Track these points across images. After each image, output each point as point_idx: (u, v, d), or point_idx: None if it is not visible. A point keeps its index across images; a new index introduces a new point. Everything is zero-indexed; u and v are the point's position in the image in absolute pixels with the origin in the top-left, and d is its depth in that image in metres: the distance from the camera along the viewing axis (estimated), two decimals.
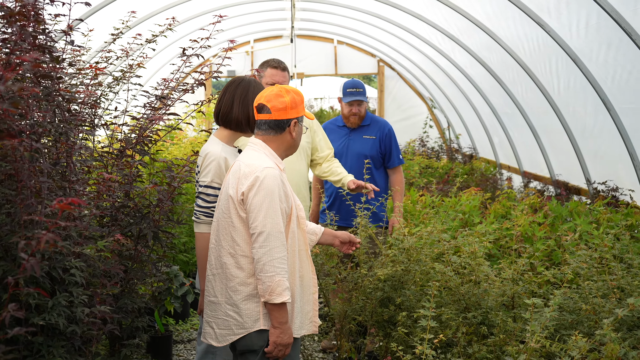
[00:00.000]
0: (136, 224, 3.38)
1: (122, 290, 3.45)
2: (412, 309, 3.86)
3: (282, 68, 4.69)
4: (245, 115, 3.62)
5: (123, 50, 4.52)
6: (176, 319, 6.17)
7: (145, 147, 3.86)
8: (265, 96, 3.27)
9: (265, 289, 3.06)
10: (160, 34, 4.69)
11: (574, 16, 6.19)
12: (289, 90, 3.29)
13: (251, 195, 3.10)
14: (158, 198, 3.48)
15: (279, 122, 3.25)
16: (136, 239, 3.47)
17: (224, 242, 3.20)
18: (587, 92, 6.70)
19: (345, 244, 3.82)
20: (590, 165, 7.52)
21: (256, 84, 3.68)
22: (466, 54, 9.26)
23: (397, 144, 5.71)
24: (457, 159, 12.36)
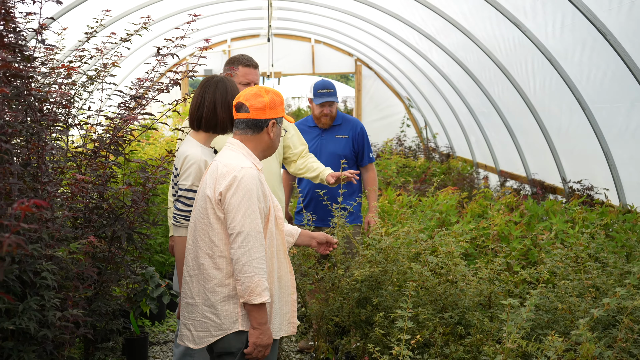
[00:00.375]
0: (110, 225, 3.33)
1: (96, 293, 3.40)
2: (389, 309, 3.84)
3: (254, 65, 4.58)
4: (229, 117, 3.57)
5: (97, 49, 4.46)
6: (152, 320, 6.11)
7: (120, 147, 3.81)
8: (245, 95, 3.25)
9: (244, 290, 3.03)
10: (135, 32, 4.63)
11: (550, 16, 6.22)
12: (269, 90, 3.27)
13: (229, 195, 3.07)
14: (132, 199, 3.43)
15: (257, 122, 3.23)
16: (110, 241, 3.42)
17: (201, 243, 3.17)
18: (563, 91, 6.74)
19: (322, 244, 3.80)
20: (566, 164, 7.57)
21: (231, 82, 3.63)
22: (443, 54, 9.28)
23: (369, 142, 5.69)
24: (434, 158, 12.40)
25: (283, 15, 12.17)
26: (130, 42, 4.72)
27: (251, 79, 4.53)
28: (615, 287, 3.65)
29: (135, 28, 4.66)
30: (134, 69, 10.78)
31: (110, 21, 7.34)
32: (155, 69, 4.10)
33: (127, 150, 3.95)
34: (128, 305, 5.10)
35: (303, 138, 4.90)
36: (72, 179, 3.29)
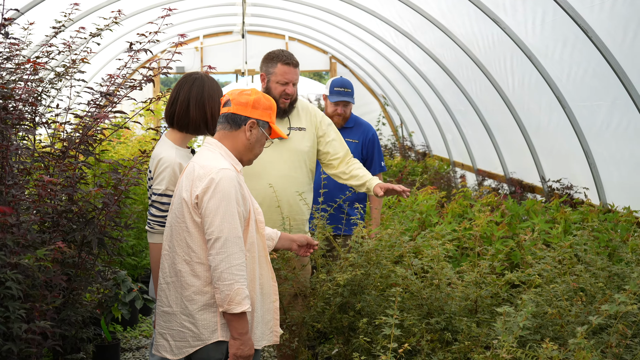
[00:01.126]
0: (80, 229, 3.16)
1: (65, 301, 3.23)
2: (372, 315, 3.71)
3: (294, 64, 4.24)
4: (203, 117, 3.41)
5: (65, 44, 4.27)
6: (124, 325, 5.93)
7: (90, 147, 3.63)
8: (233, 92, 3.16)
9: (223, 298, 2.88)
10: (106, 27, 4.46)
11: (530, 13, 6.15)
12: (259, 93, 3.16)
13: (206, 198, 2.92)
14: (103, 202, 3.25)
15: (236, 117, 3.10)
16: (80, 246, 3.24)
17: (178, 249, 3.01)
18: (542, 89, 6.68)
19: (302, 247, 3.67)
20: (545, 163, 7.52)
21: (210, 81, 3.48)
22: (420, 51, 9.20)
23: (380, 150, 5.46)
24: (410, 157, 12.32)
25: (257, 11, 12.00)
26: (100, 38, 4.55)
27: (290, 79, 4.20)
28: (605, 290, 3.57)
29: (105, 23, 4.48)
30: (105, 65, 10.55)
31: (79, 15, 7.12)
32: (128, 65, 3.93)
33: (98, 150, 3.77)
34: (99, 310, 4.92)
35: (345, 143, 4.51)
36: (39, 180, 3.11)
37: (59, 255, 2.80)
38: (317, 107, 20.61)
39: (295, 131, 4.34)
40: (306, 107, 4.48)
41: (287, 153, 4.30)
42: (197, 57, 13.45)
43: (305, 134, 4.38)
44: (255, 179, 4.19)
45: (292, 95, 4.25)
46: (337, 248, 4.10)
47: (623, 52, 5.19)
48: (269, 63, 4.28)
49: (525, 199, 7.57)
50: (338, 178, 4.41)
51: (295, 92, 4.30)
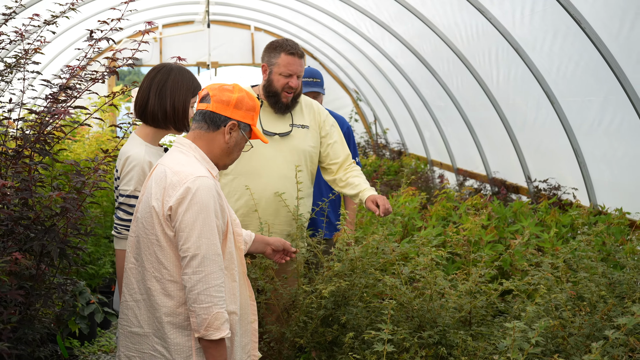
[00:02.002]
0: (39, 238, 3.00)
1: (22, 318, 3.07)
2: (359, 328, 3.62)
3: (299, 54, 4.10)
4: (162, 109, 3.28)
5: (17, 32, 4.10)
6: (81, 340, 5.74)
7: (47, 146, 3.47)
8: (212, 87, 2.96)
9: (199, 323, 2.72)
10: (62, 14, 4.29)
11: (518, 2, 6.11)
12: (244, 91, 2.97)
13: (181, 210, 2.74)
14: (63, 207, 3.10)
15: (215, 116, 2.91)
16: (38, 257, 3.09)
17: (147, 264, 2.83)
18: (530, 83, 6.66)
19: (278, 252, 3.54)
20: (531, 162, 7.50)
21: (179, 72, 3.35)
22: (397, 43, 9.13)
23: (355, 145, 5.39)
24: (385, 156, 12.27)
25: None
26: (56, 26, 4.38)
27: (294, 71, 4.08)
28: (607, 298, 3.52)
29: (61, 9, 4.32)
30: (59, 54, 10.28)
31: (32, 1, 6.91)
32: (88, 55, 3.78)
33: (56, 149, 3.61)
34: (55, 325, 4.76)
35: (348, 147, 4.42)
36: None
37: (15, 267, 2.64)
38: None
39: (297, 129, 4.24)
40: (310, 104, 4.38)
41: (289, 152, 4.18)
42: (156, 49, 13.24)
43: (308, 132, 4.28)
44: (253, 177, 4.07)
45: (296, 88, 4.14)
46: (320, 256, 3.99)
47: (618, 44, 5.17)
48: (271, 53, 4.15)
49: (509, 200, 7.55)
50: (335, 185, 4.32)
51: (300, 86, 4.18)
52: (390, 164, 10.77)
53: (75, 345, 5.58)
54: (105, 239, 6.37)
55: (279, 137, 4.19)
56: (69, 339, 5.45)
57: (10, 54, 4.14)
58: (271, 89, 4.14)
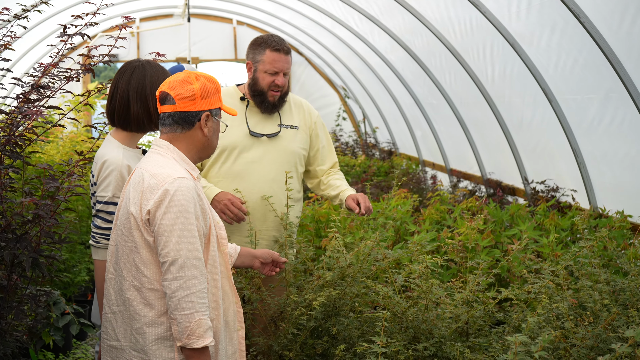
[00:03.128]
0: (9, 247, 2.94)
1: None
2: (350, 339, 3.59)
3: (285, 50, 4.09)
4: (146, 111, 3.24)
5: None
6: (56, 352, 5.68)
7: (18, 148, 3.41)
8: (169, 83, 2.89)
9: (181, 331, 2.69)
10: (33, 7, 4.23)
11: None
12: (200, 76, 2.92)
13: (159, 214, 2.72)
14: (35, 213, 3.04)
15: (186, 115, 2.88)
16: (9, 267, 3.03)
17: (125, 272, 2.80)
18: (526, 80, 6.64)
19: (267, 264, 3.51)
20: (528, 162, 7.49)
21: (154, 68, 3.29)
22: (387, 38, 9.11)
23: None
24: (374, 155, 12.24)
25: None
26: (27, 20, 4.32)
27: (280, 68, 4.06)
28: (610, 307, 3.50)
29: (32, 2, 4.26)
30: (30, 50, 10.19)
31: None
32: (62, 51, 3.72)
33: (27, 152, 3.55)
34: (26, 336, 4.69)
35: (334, 151, 4.44)
36: None
37: None
38: None
39: (286, 129, 4.21)
40: (299, 104, 4.35)
41: (277, 153, 4.16)
42: (133, 44, 13.16)
43: (297, 133, 4.25)
44: (238, 180, 4.03)
45: (283, 87, 4.11)
46: (310, 265, 3.95)
47: (619, 39, 5.16)
48: (256, 50, 4.13)
49: (506, 203, 7.54)
50: (317, 189, 4.33)
51: (287, 84, 4.15)
52: (381, 164, 10.74)
53: (50, 359, 5.52)
54: (80, 245, 6.30)
55: (267, 138, 4.16)
56: (42, 351, 5.39)
57: None
58: (257, 88, 4.11)
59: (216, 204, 3.93)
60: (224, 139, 4.06)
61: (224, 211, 3.91)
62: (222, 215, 3.90)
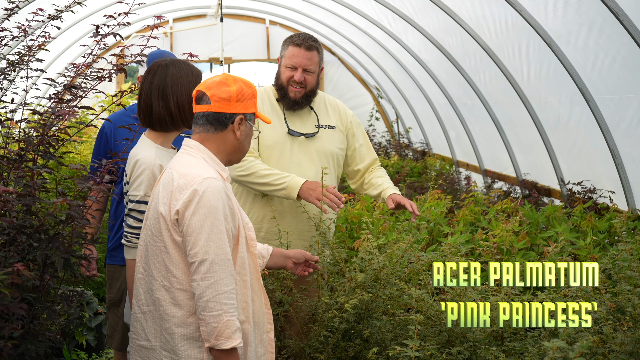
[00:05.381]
0: (42, 248, 2.95)
1: (25, 332, 3.02)
2: (383, 342, 3.55)
3: (306, 46, 4.06)
4: (168, 112, 3.23)
5: (20, 28, 4.07)
6: (89, 352, 5.71)
7: (51, 148, 3.43)
8: (207, 84, 2.91)
9: (210, 332, 2.69)
10: (67, 8, 4.26)
11: None
12: (238, 79, 2.93)
13: (188, 214, 2.72)
14: (68, 214, 3.05)
15: (220, 116, 2.88)
16: (42, 267, 3.04)
17: (155, 273, 2.80)
18: (563, 80, 6.56)
19: (299, 265, 3.49)
20: (564, 163, 7.40)
21: (176, 68, 3.28)
22: (420, 37, 9.06)
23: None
24: (407, 156, 12.18)
25: None
26: (60, 20, 4.35)
27: (298, 63, 4.05)
28: None
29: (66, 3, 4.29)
30: (64, 51, 10.30)
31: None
32: (94, 52, 3.73)
33: (60, 152, 3.57)
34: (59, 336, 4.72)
35: (373, 149, 4.44)
36: None
37: (17, 279, 2.60)
38: None
39: (324, 129, 4.21)
40: (334, 104, 4.36)
41: (316, 154, 4.16)
42: (167, 44, 13.24)
43: (334, 133, 4.25)
44: None
45: (302, 83, 4.10)
46: (342, 265, 3.93)
47: None
48: (283, 45, 4.19)
49: (541, 204, 7.45)
50: (361, 189, 4.35)
51: (311, 82, 4.13)
52: (414, 165, 10.69)
53: (83, 358, 5.55)
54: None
55: (305, 138, 4.16)
56: (76, 351, 5.42)
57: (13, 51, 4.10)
58: (278, 82, 4.17)
59: (310, 192, 3.90)
60: (267, 139, 4.08)
61: (320, 199, 3.87)
62: (317, 202, 3.86)
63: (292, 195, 3.93)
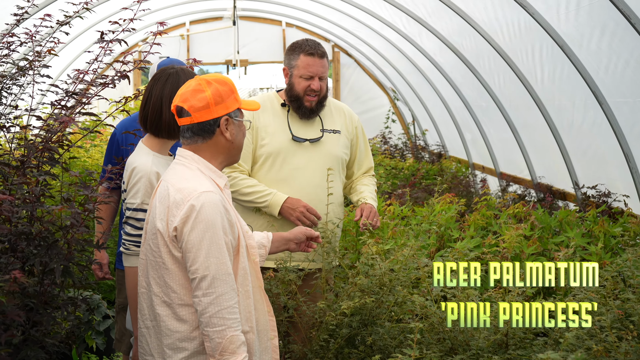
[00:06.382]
0: (40, 255, 2.96)
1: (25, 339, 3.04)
2: (386, 349, 3.53)
3: (319, 54, 4.06)
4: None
5: (28, 34, 4.09)
6: (99, 355, 5.74)
7: (56, 154, 3.44)
8: (181, 95, 2.83)
9: (214, 347, 2.66)
10: (75, 14, 4.28)
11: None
12: (211, 81, 2.83)
13: (186, 230, 2.69)
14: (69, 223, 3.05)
15: (203, 125, 2.81)
16: (41, 274, 3.06)
17: (155, 288, 2.78)
18: (576, 83, 6.51)
19: (301, 243, 3.45)
20: (578, 166, 7.34)
21: (187, 76, 3.28)
22: (435, 39, 9.02)
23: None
24: (424, 158, 12.13)
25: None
26: (69, 26, 4.37)
27: (315, 72, 4.04)
28: None
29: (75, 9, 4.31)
30: (74, 60, 10.34)
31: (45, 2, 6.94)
32: (99, 58, 3.75)
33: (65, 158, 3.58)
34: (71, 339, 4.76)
35: (371, 156, 4.46)
36: None
37: (15, 287, 2.61)
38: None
39: (329, 134, 4.21)
40: (340, 108, 4.35)
41: (321, 158, 4.15)
42: (183, 46, 13.27)
43: (339, 137, 4.24)
44: (282, 186, 4.03)
45: (319, 91, 4.09)
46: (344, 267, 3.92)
47: None
48: (290, 55, 4.14)
49: (555, 208, 7.39)
50: (348, 192, 4.40)
51: (324, 88, 4.14)
52: (429, 167, 10.64)
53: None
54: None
55: (310, 143, 4.15)
56: (86, 353, 5.45)
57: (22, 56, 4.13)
58: (293, 93, 4.10)
59: (291, 212, 3.98)
60: (268, 145, 4.07)
61: (300, 219, 3.96)
62: (297, 222, 3.93)
63: (274, 213, 3.99)
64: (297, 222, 3.93)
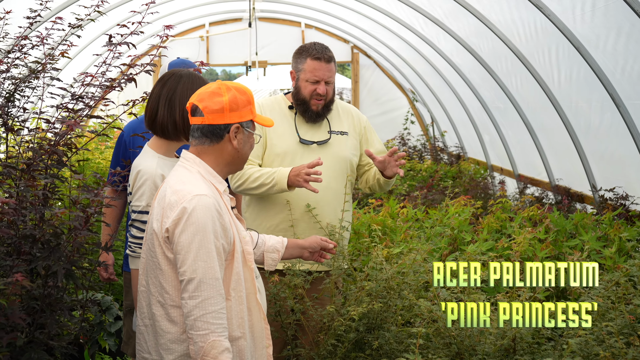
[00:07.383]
0: (43, 258, 2.97)
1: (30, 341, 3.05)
2: (393, 354, 3.52)
3: (326, 59, 4.05)
4: (171, 120, 3.23)
5: (39, 37, 4.12)
6: (112, 356, 5.77)
7: (64, 157, 3.45)
8: (199, 94, 2.86)
9: (197, 351, 2.66)
10: (87, 17, 4.30)
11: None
12: (231, 87, 2.86)
13: (177, 232, 2.70)
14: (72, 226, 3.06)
15: (214, 128, 2.83)
16: (45, 277, 3.07)
17: (152, 288, 2.80)
18: (593, 85, 6.44)
19: (315, 253, 3.44)
20: (596, 169, 7.26)
21: (189, 79, 3.29)
22: (452, 41, 8.98)
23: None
24: (442, 160, 12.07)
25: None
26: (81, 29, 4.39)
27: (321, 76, 4.04)
28: None
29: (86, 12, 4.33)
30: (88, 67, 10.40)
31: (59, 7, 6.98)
32: (108, 61, 3.76)
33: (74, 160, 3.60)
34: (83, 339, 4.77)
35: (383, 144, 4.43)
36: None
37: (18, 290, 2.62)
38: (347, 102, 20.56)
39: (336, 135, 4.19)
40: (347, 109, 4.33)
41: (330, 160, 4.12)
42: (203, 48, 13.31)
43: (347, 139, 4.23)
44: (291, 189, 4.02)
45: (326, 95, 4.08)
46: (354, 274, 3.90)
47: None
48: (298, 59, 4.14)
49: (573, 211, 7.32)
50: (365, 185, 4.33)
51: (331, 92, 4.13)
52: (448, 169, 10.58)
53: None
54: None
55: (317, 145, 4.14)
56: (99, 354, 5.47)
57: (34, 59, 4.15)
58: (299, 97, 4.10)
59: (297, 179, 3.86)
60: (276, 148, 4.06)
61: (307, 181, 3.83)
62: (308, 186, 3.82)
63: (284, 188, 3.91)
64: (307, 185, 3.81)
